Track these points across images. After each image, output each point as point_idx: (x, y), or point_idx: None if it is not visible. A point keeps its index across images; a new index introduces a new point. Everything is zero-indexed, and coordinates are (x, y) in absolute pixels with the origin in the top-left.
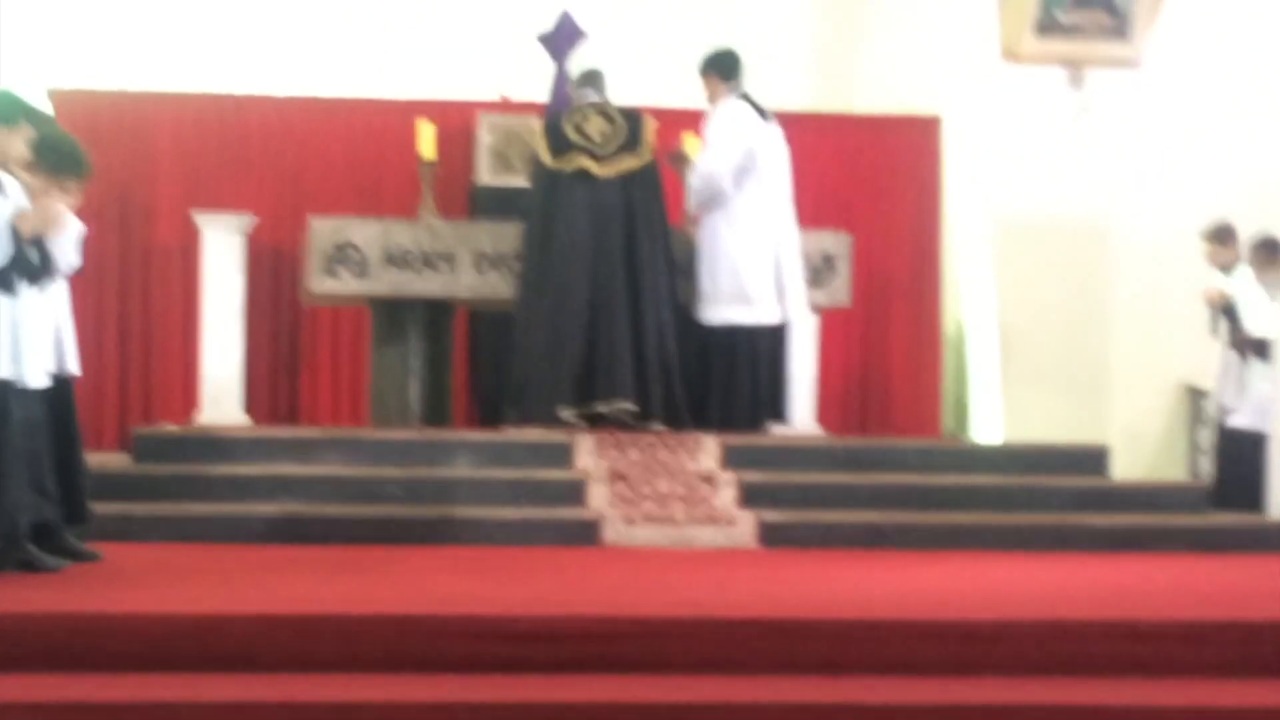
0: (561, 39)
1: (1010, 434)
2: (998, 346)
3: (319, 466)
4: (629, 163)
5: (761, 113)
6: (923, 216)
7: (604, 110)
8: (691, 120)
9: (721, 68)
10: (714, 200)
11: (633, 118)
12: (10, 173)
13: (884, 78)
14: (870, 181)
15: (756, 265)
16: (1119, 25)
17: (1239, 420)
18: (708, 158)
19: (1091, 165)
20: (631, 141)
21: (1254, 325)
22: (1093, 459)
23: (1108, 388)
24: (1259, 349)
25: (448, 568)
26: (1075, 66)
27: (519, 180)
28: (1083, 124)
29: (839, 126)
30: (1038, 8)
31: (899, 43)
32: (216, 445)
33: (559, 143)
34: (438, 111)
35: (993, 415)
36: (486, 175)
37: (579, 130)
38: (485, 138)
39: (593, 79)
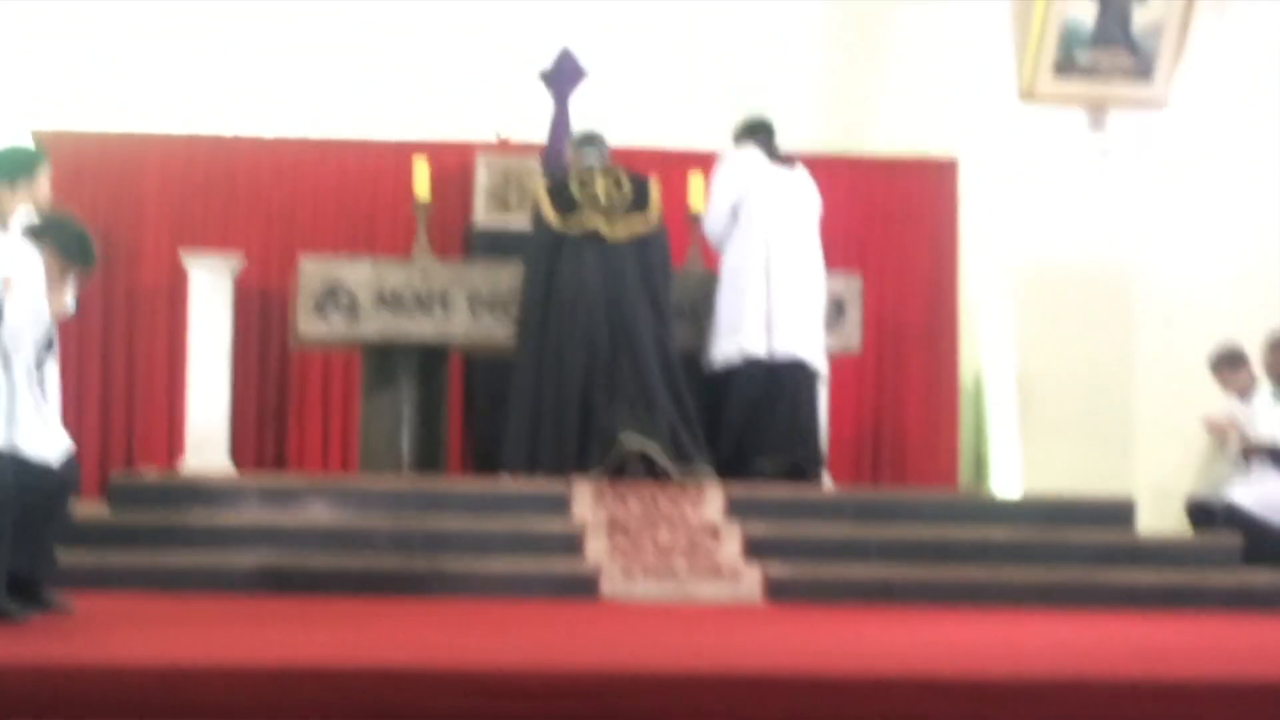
0: (563, 77)
1: (1030, 488)
2: (1017, 397)
3: (304, 515)
4: (638, 226)
5: (776, 157)
6: (939, 261)
7: (610, 172)
8: (697, 161)
9: (742, 130)
10: (718, 242)
11: (639, 180)
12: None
13: (899, 119)
14: (885, 225)
15: (738, 298)
16: (1142, 65)
17: (1240, 497)
18: (707, 208)
19: (1115, 209)
20: (640, 204)
21: (1271, 435)
22: (1119, 512)
23: (1133, 440)
24: (1272, 455)
25: (437, 621)
26: (1096, 107)
27: (516, 222)
28: (1105, 167)
29: (852, 168)
30: (1056, 47)
31: (915, 83)
32: (197, 493)
33: (565, 203)
34: (433, 152)
35: (1012, 468)
36: (483, 216)
37: (585, 192)
38: (483, 178)
39: (592, 141)
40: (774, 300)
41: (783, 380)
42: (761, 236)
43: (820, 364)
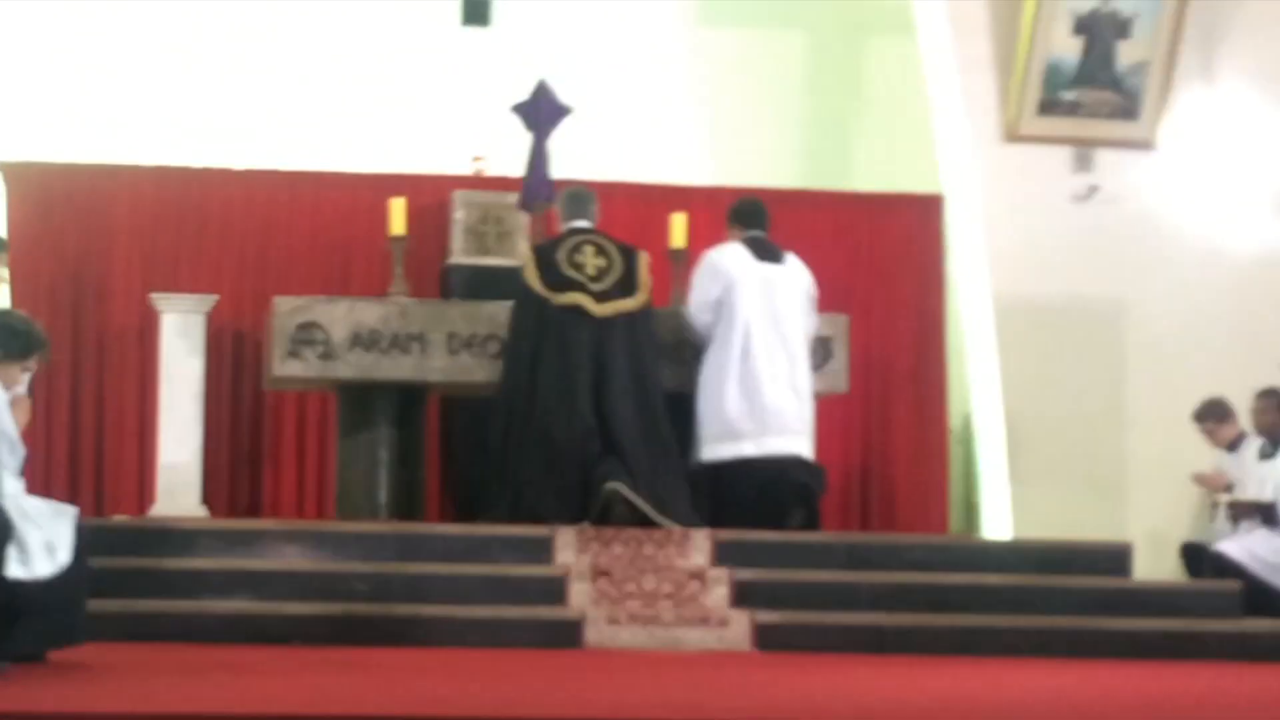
0: (542, 113)
1: (1021, 533)
2: (1006, 439)
3: (279, 561)
4: (626, 304)
5: (767, 252)
6: (925, 301)
7: (598, 243)
8: (678, 197)
9: (732, 215)
10: (704, 337)
11: (628, 253)
12: None
13: (883, 158)
14: (869, 263)
15: (717, 404)
16: (1127, 104)
17: (1227, 548)
18: (685, 305)
19: (1104, 247)
20: (628, 280)
21: (1258, 492)
22: (1114, 558)
23: (1126, 484)
24: (1261, 513)
25: (417, 669)
26: (1081, 147)
27: (494, 259)
28: (1093, 204)
29: (835, 204)
30: (1039, 86)
31: (898, 122)
32: (169, 538)
33: (551, 273)
34: (410, 187)
35: (1003, 513)
36: (460, 253)
37: (572, 263)
38: (460, 214)
39: (582, 202)
40: (756, 404)
41: (774, 472)
42: (740, 339)
43: (809, 455)
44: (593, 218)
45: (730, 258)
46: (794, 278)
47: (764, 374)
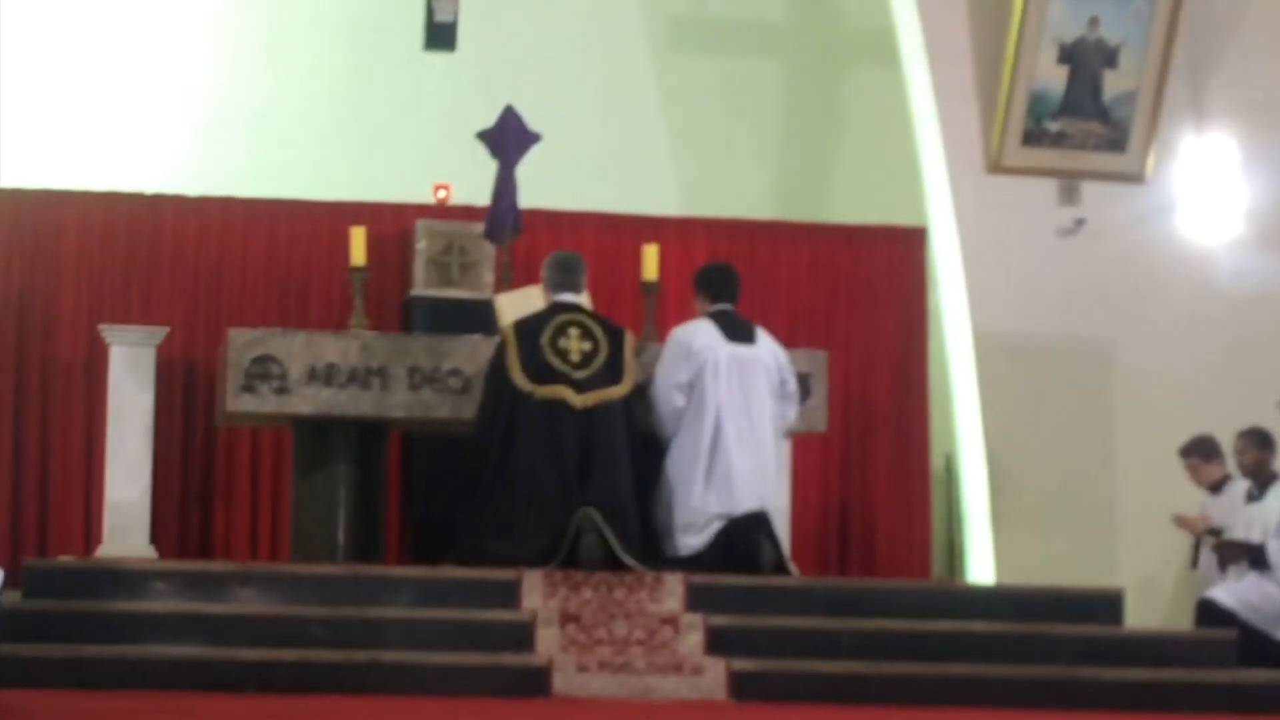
0: (509, 140)
1: (1006, 578)
2: (990, 481)
3: (232, 604)
4: (611, 392)
5: (738, 330)
6: (907, 336)
7: (584, 325)
8: (647, 228)
9: (700, 283)
10: (668, 423)
11: (614, 335)
12: None
13: (864, 186)
14: (849, 298)
15: (685, 494)
16: (1114, 136)
17: (1220, 595)
18: (653, 387)
19: (1091, 282)
20: (614, 365)
21: (1245, 535)
22: (1105, 605)
23: (1115, 527)
24: (1249, 556)
25: (377, 718)
26: (1067, 179)
27: (458, 291)
28: (1080, 238)
29: (814, 236)
30: (1024, 116)
31: (878, 153)
32: (117, 579)
33: (533, 360)
34: (371, 215)
35: (987, 557)
36: (423, 285)
37: (556, 348)
38: (423, 245)
39: (571, 272)
40: (726, 492)
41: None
42: (710, 425)
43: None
44: (580, 288)
45: (701, 338)
46: (766, 359)
47: (735, 461)
